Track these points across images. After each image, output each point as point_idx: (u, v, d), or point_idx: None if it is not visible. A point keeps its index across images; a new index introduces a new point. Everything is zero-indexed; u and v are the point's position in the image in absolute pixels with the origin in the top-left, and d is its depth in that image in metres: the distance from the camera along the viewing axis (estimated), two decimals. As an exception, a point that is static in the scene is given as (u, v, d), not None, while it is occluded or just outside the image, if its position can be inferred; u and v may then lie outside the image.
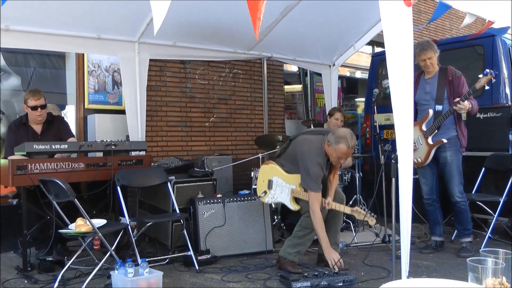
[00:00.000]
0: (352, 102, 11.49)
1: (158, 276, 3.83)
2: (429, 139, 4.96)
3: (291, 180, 4.64)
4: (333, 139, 4.30)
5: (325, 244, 4.41)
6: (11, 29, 4.97)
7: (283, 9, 5.97)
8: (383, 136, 6.96)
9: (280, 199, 4.74)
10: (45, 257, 4.69)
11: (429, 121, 4.96)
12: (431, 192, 5.13)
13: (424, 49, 4.92)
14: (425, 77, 5.09)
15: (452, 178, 4.95)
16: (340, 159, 4.41)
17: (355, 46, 7.32)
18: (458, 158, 4.98)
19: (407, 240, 3.52)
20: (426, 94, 5.04)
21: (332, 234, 4.71)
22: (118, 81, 6.72)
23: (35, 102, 4.95)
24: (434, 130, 4.93)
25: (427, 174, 5.12)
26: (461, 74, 4.97)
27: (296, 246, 4.56)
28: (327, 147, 4.38)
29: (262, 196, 4.84)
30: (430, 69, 5.02)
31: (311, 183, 4.38)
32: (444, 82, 4.96)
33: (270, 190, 4.77)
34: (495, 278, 1.92)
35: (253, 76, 8.22)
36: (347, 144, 4.25)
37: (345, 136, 4.27)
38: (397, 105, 3.48)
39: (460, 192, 4.96)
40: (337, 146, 4.28)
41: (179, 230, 5.07)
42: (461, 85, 4.90)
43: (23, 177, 4.45)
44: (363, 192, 6.60)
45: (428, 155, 4.98)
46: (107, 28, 5.53)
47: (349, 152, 4.38)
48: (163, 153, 7.04)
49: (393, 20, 3.41)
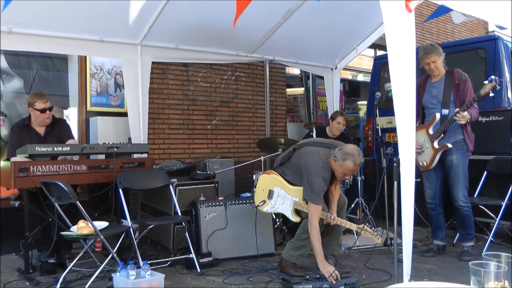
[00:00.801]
0: (354, 105, 11.48)
1: (160, 279, 3.84)
2: (435, 143, 4.95)
3: (294, 193, 4.61)
4: (340, 155, 4.29)
5: (319, 257, 4.37)
6: (14, 31, 4.98)
7: (285, 12, 5.98)
8: (385, 139, 6.95)
9: (281, 209, 4.70)
10: (46, 259, 4.70)
11: (436, 124, 4.94)
12: (434, 196, 5.11)
13: (427, 52, 4.89)
14: (432, 81, 5.05)
15: (456, 182, 4.93)
16: (346, 175, 4.42)
17: (357, 49, 7.32)
18: (464, 162, 4.95)
19: (409, 244, 3.51)
20: (433, 97, 5.01)
21: (335, 235, 4.72)
22: (120, 84, 6.73)
23: (44, 104, 4.95)
24: (440, 134, 4.90)
25: (432, 178, 5.10)
26: (467, 78, 4.92)
27: (299, 248, 4.56)
28: (333, 162, 4.37)
29: (261, 205, 4.77)
30: (435, 72, 4.98)
31: (314, 196, 4.37)
32: (451, 86, 4.92)
33: (270, 200, 4.72)
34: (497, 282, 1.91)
35: (255, 79, 8.23)
36: (354, 161, 4.24)
37: (353, 153, 4.26)
38: (399, 108, 3.47)
39: (465, 196, 4.93)
40: (344, 163, 4.27)
41: (181, 232, 5.06)
42: (466, 89, 4.86)
43: (25, 179, 4.46)
44: (365, 195, 6.59)
45: (434, 159, 4.97)
46: (109, 30, 5.54)
47: (356, 170, 4.38)
48: (165, 155, 7.05)
49: (395, 23, 3.41)
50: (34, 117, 5.01)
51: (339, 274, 4.27)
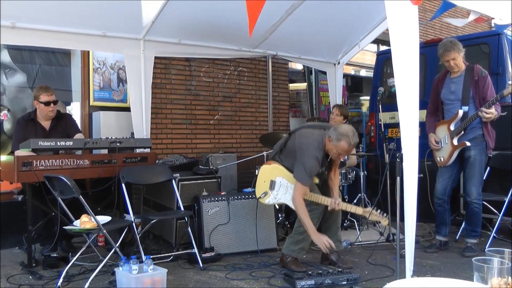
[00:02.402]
0: (357, 101, 11.47)
1: (162, 273, 3.84)
2: (455, 140, 4.92)
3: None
4: (335, 135, 4.25)
5: (311, 230, 4.32)
6: (17, 26, 4.98)
7: (288, 7, 5.97)
8: (388, 134, 6.95)
9: (283, 200, 4.64)
10: (49, 253, 4.72)
11: (457, 121, 4.90)
12: (444, 193, 5.07)
13: (447, 50, 4.82)
14: (451, 76, 5.00)
15: (471, 177, 4.90)
16: (340, 155, 4.40)
17: (360, 45, 7.30)
18: (482, 159, 4.91)
19: (412, 239, 3.51)
20: (451, 93, 4.96)
21: (333, 231, 4.71)
22: (123, 79, 6.73)
23: (48, 97, 4.99)
24: (461, 131, 4.87)
25: (446, 174, 5.07)
26: (487, 74, 4.88)
27: (299, 242, 4.55)
28: (328, 142, 4.33)
29: (262, 197, 4.69)
30: (455, 69, 4.92)
31: (304, 176, 4.31)
32: (470, 82, 4.86)
33: (272, 191, 4.67)
34: (500, 278, 1.91)
35: (258, 74, 8.22)
36: (348, 141, 4.20)
37: (347, 133, 4.22)
38: (402, 104, 3.47)
39: (478, 193, 4.90)
40: (338, 143, 4.23)
41: (183, 227, 5.08)
42: (486, 86, 4.82)
43: (29, 174, 4.48)
44: (368, 191, 6.59)
45: (451, 155, 4.95)
46: (112, 25, 5.53)
47: (350, 150, 4.35)
48: (168, 150, 7.05)
49: (399, 18, 3.40)
50: (39, 110, 5.05)
51: (333, 243, 4.28)
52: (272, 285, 4.12)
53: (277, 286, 4.09)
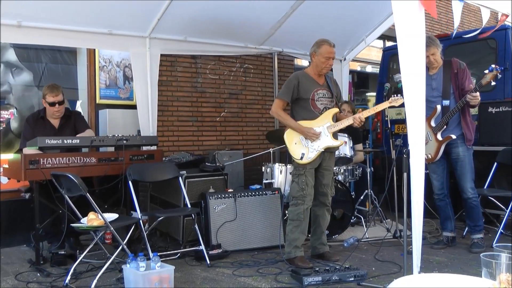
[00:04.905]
0: (363, 97, 11.45)
1: (169, 270, 3.85)
2: (438, 135, 4.92)
3: (319, 123, 4.62)
4: (315, 46, 4.65)
5: (296, 127, 4.62)
6: (23, 25, 5.00)
7: (293, 3, 5.96)
8: (394, 130, 6.91)
9: (323, 145, 4.57)
10: (57, 251, 4.73)
11: (437, 117, 4.92)
12: (442, 187, 5.09)
13: (426, 45, 4.81)
14: (430, 73, 4.98)
15: (464, 174, 4.91)
16: (328, 60, 4.63)
17: (366, 41, 7.27)
18: (470, 154, 4.93)
19: (419, 235, 3.51)
20: (433, 90, 4.95)
21: (318, 235, 4.78)
22: (129, 76, 6.74)
23: (53, 98, 5.00)
24: (443, 125, 4.88)
25: (438, 169, 5.08)
26: (465, 66, 4.91)
27: (291, 243, 4.60)
28: (314, 58, 4.66)
29: (303, 157, 4.57)
30: (435, 65, 4.96)
31: (281, 91, 4.75)
32: (450, 76, 4.90)
33: (308, 145, 4.59)
34: (509, 273, 1.90)
35: (264, 71, 8.21)
36: (328, 43, 4.62)
37: (323, 39, 4.66)
38: (408, 100, 3.46)
39: (472, 188, 4.92)
40: (320, 49, 4.59)
41: (190, 224, 5.08)
42: (465, 78, 4.85)
43: (36, 172, 4.49)
44: (374, 187, 6.56)
45: (438, 151, 4.95)
46: (118, 23, 5.54)
47: (333, 51, 4.65)
48: (174, 147, 7.06)
49: (405, 14, 3.39)
50: (47, 109, 5.06)
51: (316, 132, 4.52)
52: (279, 282, 4.12)
53: (284, 283, 4.09)
